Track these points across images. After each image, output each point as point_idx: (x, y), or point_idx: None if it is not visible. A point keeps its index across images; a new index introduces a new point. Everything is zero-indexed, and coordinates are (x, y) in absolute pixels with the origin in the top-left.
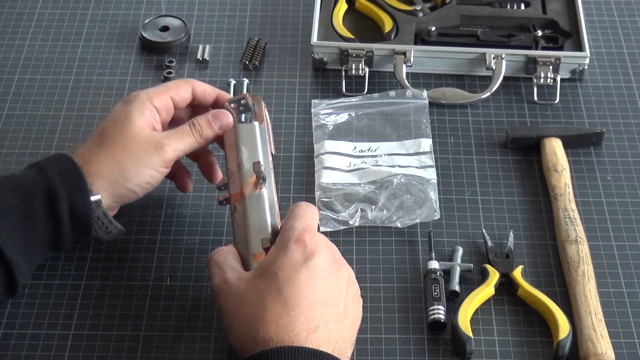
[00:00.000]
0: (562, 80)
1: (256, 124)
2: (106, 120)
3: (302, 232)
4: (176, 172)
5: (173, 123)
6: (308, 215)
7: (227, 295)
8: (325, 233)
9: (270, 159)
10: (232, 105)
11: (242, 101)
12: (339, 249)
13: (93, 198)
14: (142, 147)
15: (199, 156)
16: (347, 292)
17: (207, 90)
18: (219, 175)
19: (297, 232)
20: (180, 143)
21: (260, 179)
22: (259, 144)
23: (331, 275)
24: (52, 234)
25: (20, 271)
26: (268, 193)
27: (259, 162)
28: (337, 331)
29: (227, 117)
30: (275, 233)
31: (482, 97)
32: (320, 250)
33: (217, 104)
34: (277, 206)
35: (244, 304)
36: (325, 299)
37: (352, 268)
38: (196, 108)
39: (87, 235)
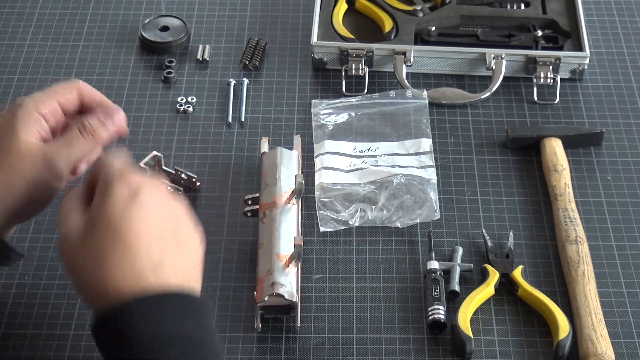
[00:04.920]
0: (562, 80)
1: (296, 152)
2: None
3: (121, 170)
4: None
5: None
6: (119, 159)
7: (69, 254)
8: (325, 233)
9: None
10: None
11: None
12: (339, 249)
13: None
14: (29, 163)
15: None
16: (182, 223)
17: (93, 92)
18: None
19: (117, 172)
20: (72, 151)
21: (296, 192)
22: (296, 168)
23: (162, 209)
24: None
25: None
26: (295, 209)
27: (301, 174)
28: (181, 260)
29: (119, 112)
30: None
31: (482, 97)
32: (146, 185)
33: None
34: (299, 224)
35: (86, 257)
36: (162, 233)
37: (352, 268)
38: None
39: None
